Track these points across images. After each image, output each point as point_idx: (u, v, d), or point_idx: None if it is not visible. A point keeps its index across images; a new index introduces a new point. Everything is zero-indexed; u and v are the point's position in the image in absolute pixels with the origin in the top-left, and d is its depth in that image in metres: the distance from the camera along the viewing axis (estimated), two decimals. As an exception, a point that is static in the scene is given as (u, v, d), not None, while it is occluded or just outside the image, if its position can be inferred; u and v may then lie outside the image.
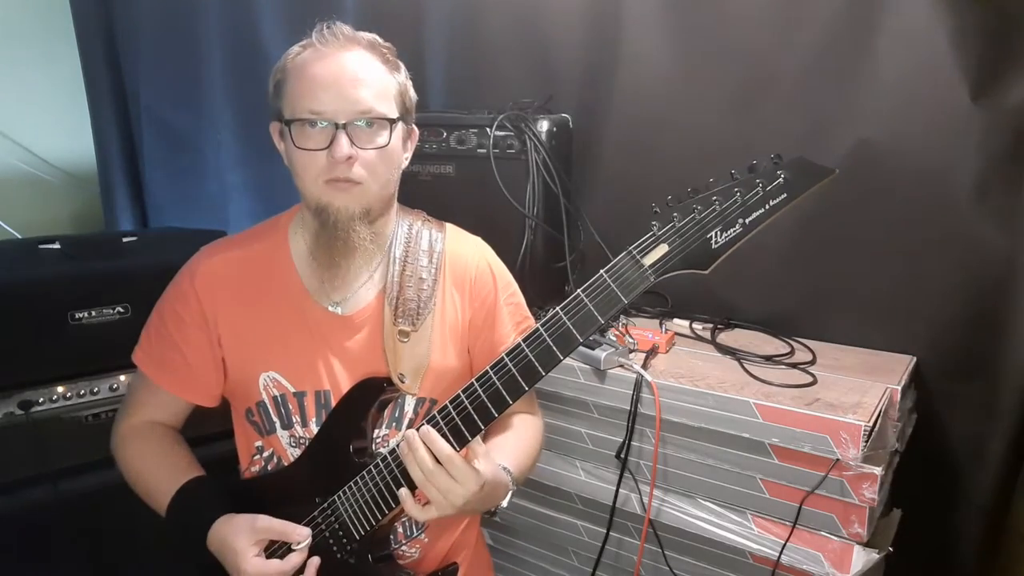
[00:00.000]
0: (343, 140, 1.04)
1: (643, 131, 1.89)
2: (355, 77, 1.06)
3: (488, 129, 1.78)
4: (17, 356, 1.56)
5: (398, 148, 1.13)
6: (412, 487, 1.01)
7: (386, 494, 1.07)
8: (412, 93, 1.16)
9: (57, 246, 1.78)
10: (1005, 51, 1.46)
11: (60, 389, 1.62)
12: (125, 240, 1.88)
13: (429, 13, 2.18)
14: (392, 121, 1.09)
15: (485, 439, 1.16)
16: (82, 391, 1.64)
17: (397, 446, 1.04)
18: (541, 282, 1.80)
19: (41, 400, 1.59)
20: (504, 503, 1.10)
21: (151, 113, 2.91)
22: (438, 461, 0.97)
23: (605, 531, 1.63)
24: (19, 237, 2.72)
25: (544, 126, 1.79)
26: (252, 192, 2.79)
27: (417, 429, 1.00)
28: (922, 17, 1.51)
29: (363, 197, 1.09)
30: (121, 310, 1.66)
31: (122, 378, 1.68)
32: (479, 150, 1.81)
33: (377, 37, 1.13)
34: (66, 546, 1.58)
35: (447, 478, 0.97)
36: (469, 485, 0.97)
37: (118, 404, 1.63)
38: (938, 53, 1.50)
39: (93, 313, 1.63)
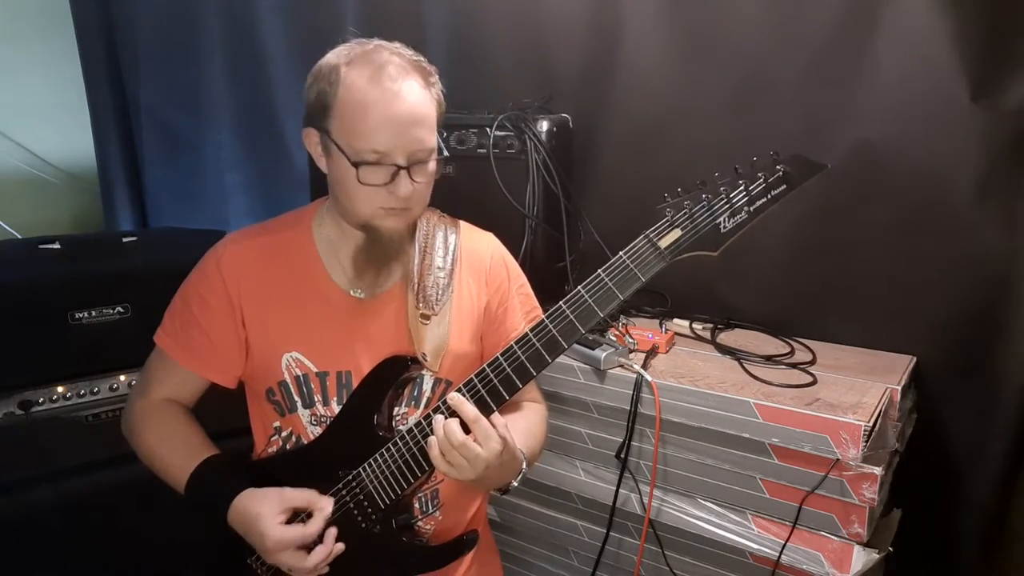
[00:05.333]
0: (406, 181, 1.10)
1: (643, 131, 1.89)
2: (413, 116, 1.10)
3: (488, 129, 1.78)
4: (17, 356, 1.56)
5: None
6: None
7: (412, 464, 1.12)
8: (442, 97, 1.18)
9: (57, 246, 1.78)
10: (1005, 51, 1.46)
11: (60, 389, 1.62)
12: (125, 240, 1.88)
13: (429, 14, 2.18)
14: (439, 151, 1.15)
15: None
16: (82, 391, 1.64)
17: (424, 418, 1.10)
18: (541, 282, 1.79)
19: (41, 400, 1.59)
20: (515, 482, 1.14)
21: (151, 113, 2.91)
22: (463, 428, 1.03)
23: (605, 531, 1.63)
24: (19, 237, 2.72)
25: (544, 126, 1.79)
26: (252, 192, 2.79)
27: (442, 401, 1.06)
28: (922, 17, 1.51)
29: (411, 218, 1.19)
30: (121, 310, 1.65)
31: (122, 378, 1.68)
32: (479, 150, 1.81)
33: (419, 57, 1.15)
34: (66, 546, 1.58)
35: (471, 445, 1.02)
36: (492, 445, 1.02)
37: (118, 404, 1.65)
38: (938, 53, 1.50)
39: (93, 313, 1.63)
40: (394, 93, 1.08)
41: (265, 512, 1.10)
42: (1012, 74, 1.46)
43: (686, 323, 1.85)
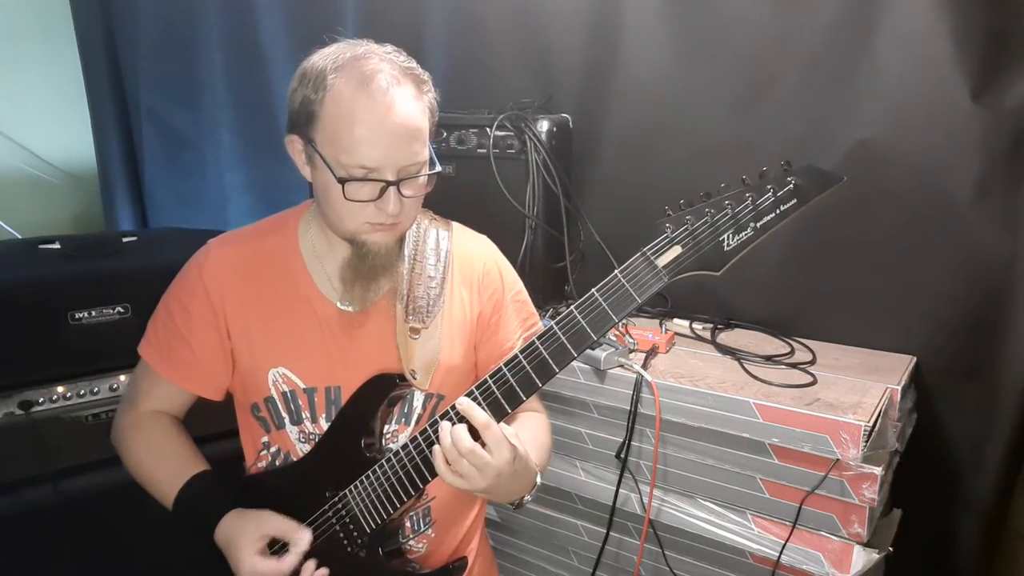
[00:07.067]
0: (395, 197, 1.04)
1: (643, 131, 1.89)
2: (404, 130, 1.04)
3: (488, 129, 1.78)
4: (17, 356, 1.56)
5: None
6: (433, 474, 1.03)
7: (399, 487, 1.08)
8: (435, 105, 1.14)
9: (57, 246, 1.78)
10: (1005, 51, 1.46)
11: (60, 389, 1.62)
12: (125, 240, 1.88)
13: (429, 14, 2.18)
14: (430, 163, 1.10)
15: None
16: (82, 391, 1.64)
17: (411, 439, 1.06)
18: (541, 282, 1.80)
19: (41, 400, 1.59)
20: (528, 497, 1.10)
21: (151, 113, 2.91)
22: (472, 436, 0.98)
23: (605, 531, 1.63)
24: (19, 237, 2.72)
25: (544, 126, 1.79)
26: (252, 192, 2.79)
27: (451, 407, 1.01)
28: (922, 17, 1.51)
29: (399, 232, 1.14)
30: (121, 310, 1.65)
31: (122, 378, 1.68)
32: (479, 150, 1.81)
33: (412, 63, 1.10)
34: (66, 546, 1.58)
35: (481, 452, 0.97)
36: (504, 453, 0.97)
37: (118, 404, 1.65)
38: (938, 53, 1.50)
39: (93, 313, 1.63)
40: (385, 105, 1.01)
41: (241, 540, 1.08)
42: (1012, 74, 1.46)
43: (686, 323, 1.85)
